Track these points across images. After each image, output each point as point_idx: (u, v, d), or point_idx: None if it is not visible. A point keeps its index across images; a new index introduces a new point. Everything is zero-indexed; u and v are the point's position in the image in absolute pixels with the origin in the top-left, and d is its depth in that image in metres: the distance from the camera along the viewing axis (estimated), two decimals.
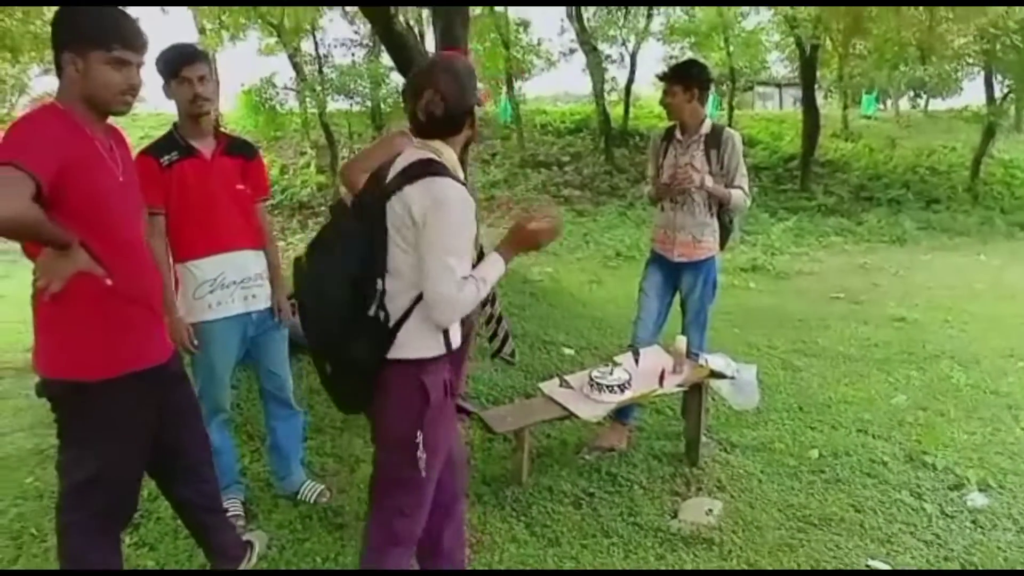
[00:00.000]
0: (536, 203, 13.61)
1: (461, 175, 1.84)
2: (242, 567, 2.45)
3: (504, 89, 17.07)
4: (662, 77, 3.28)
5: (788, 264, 9.27)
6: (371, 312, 1.72)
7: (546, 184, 14.53)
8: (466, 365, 3.96)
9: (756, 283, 8.18)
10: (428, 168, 1.76)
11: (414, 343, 1.80)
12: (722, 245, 3.46)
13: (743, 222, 11.38)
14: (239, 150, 2.74)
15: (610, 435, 3.53)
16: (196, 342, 2.59)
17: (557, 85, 24.83)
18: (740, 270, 8.75)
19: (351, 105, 13.51)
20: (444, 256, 1.71)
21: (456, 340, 1.90)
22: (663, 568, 2.64)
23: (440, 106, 1.79)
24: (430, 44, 6.58)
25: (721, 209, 3.37)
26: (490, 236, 11.05)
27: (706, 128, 3.29)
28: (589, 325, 5.48)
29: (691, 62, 3.41)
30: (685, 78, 3.22)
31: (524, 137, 16.39)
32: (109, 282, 1.90)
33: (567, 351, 4.82)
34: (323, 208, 12.66)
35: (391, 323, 1.75)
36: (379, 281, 1.72)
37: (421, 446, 1.83)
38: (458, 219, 1.73)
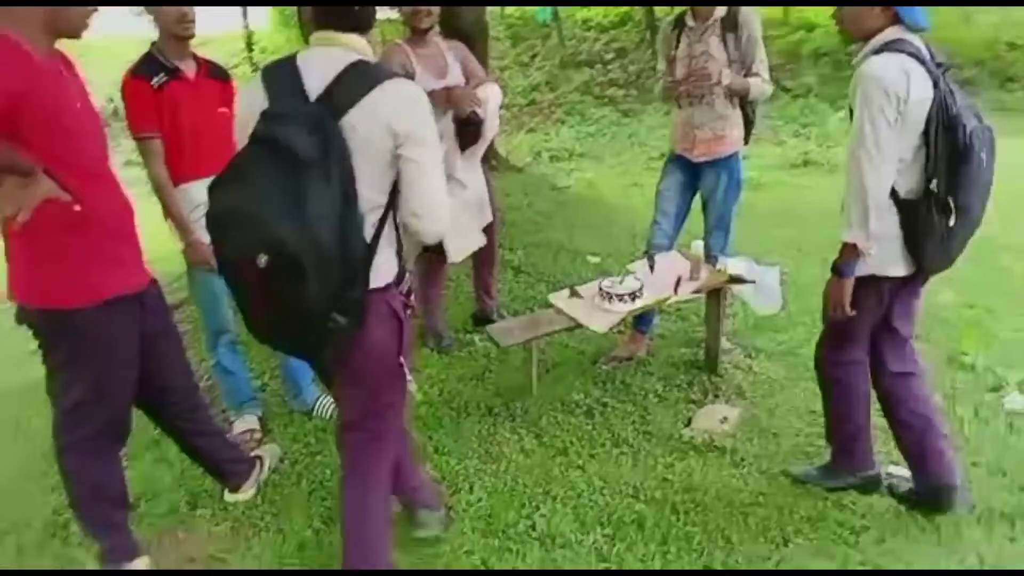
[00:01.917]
0: (580, 105, 13.10)
1: None
2: (251, 481, 2.53)
3: None
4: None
5: (843, 156, 8.69)
6: (358, 244, 1.56)
7: (589, 84, 13.89)
8: (494, 278, 3.89)
9: (807, 179, 7.73)
10: (380, 71, 1.62)
11: (384, 268, 1.70)
12: (746, 139, 3.20)
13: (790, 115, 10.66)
14: (219, 73, 2.72)
15: (628, 344, 3.45)
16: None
17: None
18: (791, 166, 8.27)
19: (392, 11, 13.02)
20: (437, 163, 1.65)
21: (409, 262, 1.81)
22: (671, 476, 2.60)
23: None
24: None
25: (743, 100, 3.09)
26: (528, 142, 10.75)
27: (720, 11, 2.97)
28: (619, 232, 5.28)
29: None
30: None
31: (564, 35, 15.60)
32: (78, 208, 1.88)
33: (592, 259, 4.68)
34: None
35: (371, 252, 1.64)
36: (358, 209, 1.56)
37: (406, 368, 1.82)
38: (433, 121, 1.66)
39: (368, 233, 1.62)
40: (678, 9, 3.16)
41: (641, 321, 3.39)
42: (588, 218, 5.43)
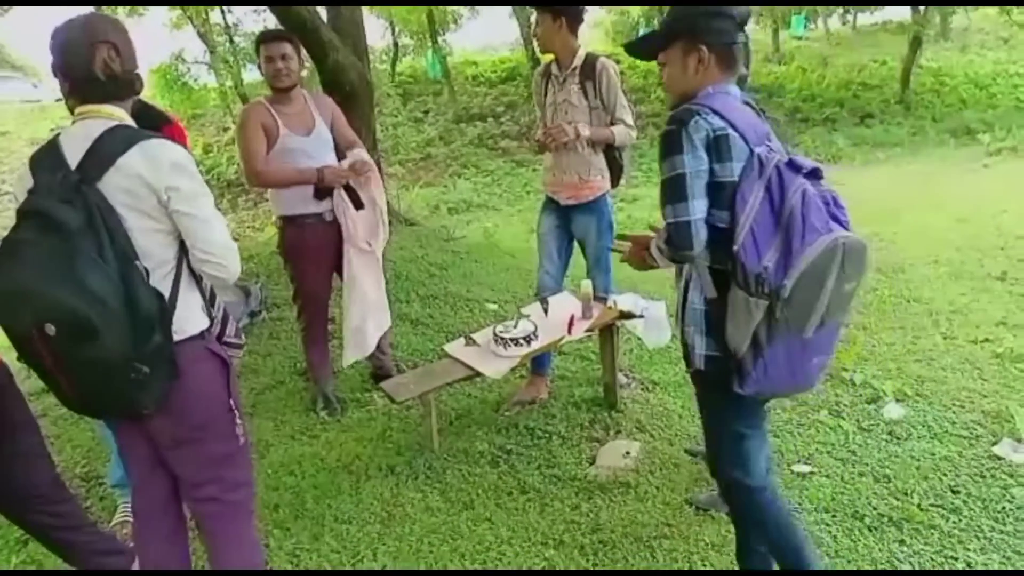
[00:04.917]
0: (474, 157, 13.31)
1: None
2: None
3: (430, 43, 16.55)
4: (532, 4, 3.08)
5: None
6: (145, 296, 1.57)
7: (482, 137, 14.21)
8: (388, 333, 3.78)
9: None
10: (136, 133, 1.65)
11: (193, 316, 1.75)
12: (615, 182, 3.28)
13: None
14: None
15: (529, 388, 3.43)
16: None
17: (486, 35, 24.14)
18: None
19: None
20: (210, 211, 1.69)
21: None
22: (578, 518, 2.57)
23: (117, 61, 1.67)
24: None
25: (608, 147, 3.20)
26: (425, 195, 10.79)
27: (579, 60, 3.08)
28: (517, 278, 5.33)
29: None
30: (552, 5, 3.01)
31: (456, 91, 15.96)
32: None
33: (491, 307, 4.69)
34: None
35: (166, 302, 1.65)
36: (138, 263, 1.58)
37: (236, 412, 1.82)
38: (196, 170, 1.70)
39: (166, 285, 1.67)
40: (548, 57, 3.26)
41: (539, 364, 3.39)
42: (485, 266, 5.45)
